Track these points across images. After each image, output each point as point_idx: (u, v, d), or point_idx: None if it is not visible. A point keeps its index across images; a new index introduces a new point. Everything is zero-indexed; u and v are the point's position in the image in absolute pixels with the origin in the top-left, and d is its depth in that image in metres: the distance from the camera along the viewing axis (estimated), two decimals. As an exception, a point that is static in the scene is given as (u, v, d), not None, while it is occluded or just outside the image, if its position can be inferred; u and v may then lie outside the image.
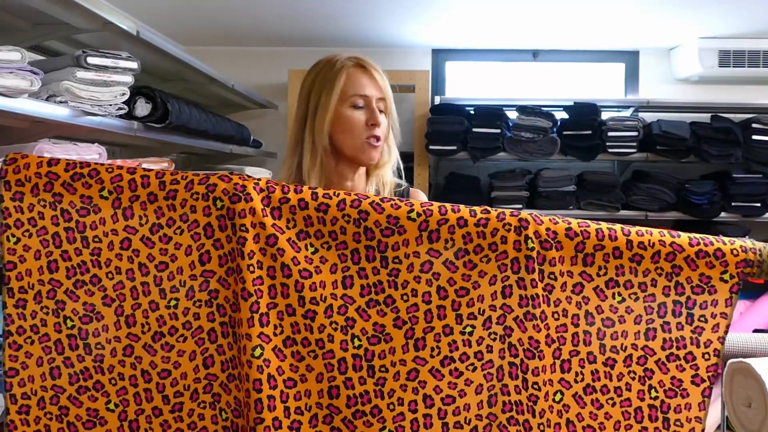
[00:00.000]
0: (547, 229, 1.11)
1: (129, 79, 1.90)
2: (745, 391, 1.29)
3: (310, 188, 1.13)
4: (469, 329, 1.09)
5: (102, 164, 1.14)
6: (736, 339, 1.64)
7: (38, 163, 1.12)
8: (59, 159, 1.14)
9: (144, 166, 2.14)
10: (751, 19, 3.32)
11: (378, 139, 1.47)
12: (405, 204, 1.12)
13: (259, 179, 1.13)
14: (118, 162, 2.05)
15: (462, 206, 1.14)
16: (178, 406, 1.11)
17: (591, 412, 1.12)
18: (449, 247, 1.11)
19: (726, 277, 1.13)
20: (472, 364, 1.10)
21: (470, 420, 1.09)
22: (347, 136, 1.47)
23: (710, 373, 1.14)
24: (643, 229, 1.14)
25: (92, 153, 1.82)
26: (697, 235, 1.15)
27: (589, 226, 1.13)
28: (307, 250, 1.11)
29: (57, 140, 1.89)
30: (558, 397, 1.12)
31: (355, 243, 1.11)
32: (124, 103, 1.92)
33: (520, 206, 3.54)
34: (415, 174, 3.69)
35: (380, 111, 1.48)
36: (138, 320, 1.11)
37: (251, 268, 1.08)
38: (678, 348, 1.13)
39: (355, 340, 1.10)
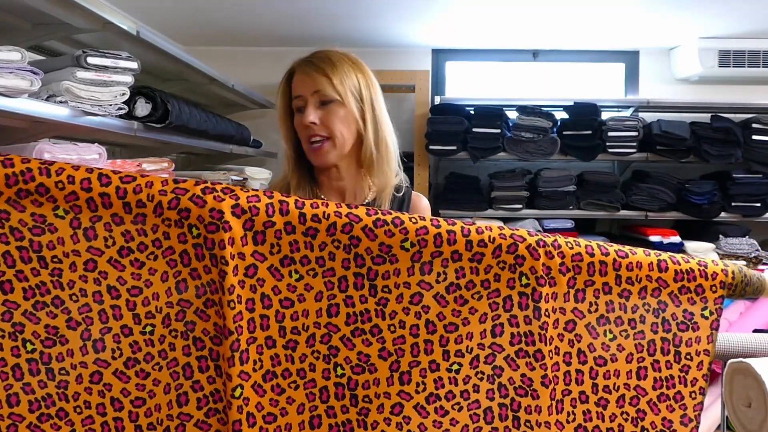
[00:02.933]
0: (543, 265, 1.08)
1: (129, 79, 1.90)
2: (745, 391, 1.29)
3: (297, 206, 1.04)
4: (455, 367, 1.06)
5: (49, 173, 1.00)
6: (736, 339, 1.64)
7: None
8: None
9: (144, 166, 2.14)
10: (751, 19, 3.32)
11: (316, 139, 1.41)
12: (400, 231, 1.05)
13: (238, 197, 1.03)
14: (118, 162, 2.05)
15: (459, 233, 1.07)
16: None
17: None
18: (441, 281, 1.07)
19: (706, 313, 1.13)
20: (458, 403, 1.07)
21: None
22: (301, 142, 1.46)
23: (697, 412, 1.13)
24: (630, 253, 1.11)
25: (92, 153, 1.82)
26: (680, 261, 1.13)
27: (581, 260, 1.10)
28: (290, 277, 1.05)
29: (57, 140, 1.89)
30: None
31: (343, 270, 1.05)
32: (124, 103, 1.92)
33: (520, 206, 3.54)
34: (415, 174, 3.69)
35: (326, 103, 1.40)
36: (108, 345, 1.03)
37: (231, 304, 1.01)
38: (668, 387, 1.12)
39: (338, 368, 1.06)
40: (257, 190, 1.06)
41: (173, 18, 3.34)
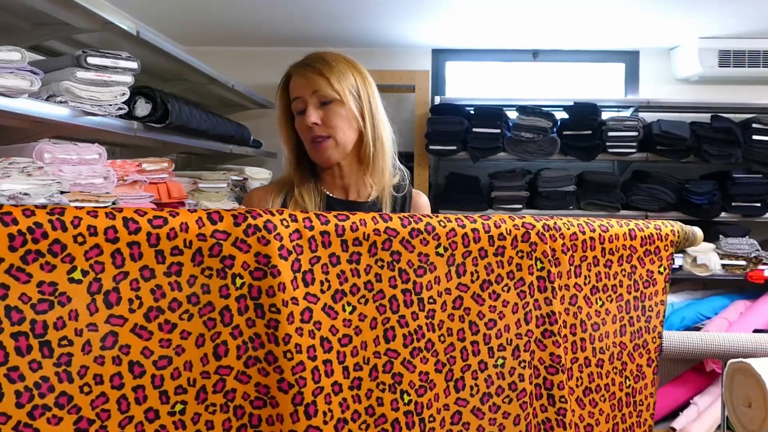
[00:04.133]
0: (550, 248, 1.16)
1: (129, 79, 1.90)
2: (745, 391, 1.29)
3: (338, 234, 0.98)
4: (500, 361, 1.11)
5: (65, 226, 0.80)
6: (736, 339, 1.64)
7: None
8: None
9: (144, 166, 2.14)
10: (751, 19, 3.32)
11: (318, 139, 1.42)
12: (433, 237, 1.05)
13: (281, 236, 0.93)
14: (118, 162, 2.05)
15: (482, 230, 1.08)
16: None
17: (590, 412, 1.21)
18: (475, 280, 1.09)
19: (661, 269, 1.30)
20: (508, 396, 1.11)
21: None
22: (304, 142, 1.48)
23: (657, 353, 1.29)
24: (609, 226, 1.25)
25: (92, 153, 1.82)
26: (643, 227, 1.29)
27: (577, 239, 1.20)
28: (344, 311, 0.99)
29: (57, 140, 1.89)
30: (563, 401, 1.17)
31: (392, 289, 1.03)
32: (124, 103, 1.92)
33: (520, 206, 3.54)
34: (415, 174, 3.69)
35: (325, 103, 1.42)
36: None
37: (288, 354, 0.92)
38: (638, 338, 1.27)
39: (405, 396, 1.03)
40: (295, 219, 0.96)
41: (173, 18, 3.34)
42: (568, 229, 1.19)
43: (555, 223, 1.18)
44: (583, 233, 1.20)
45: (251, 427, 0.93)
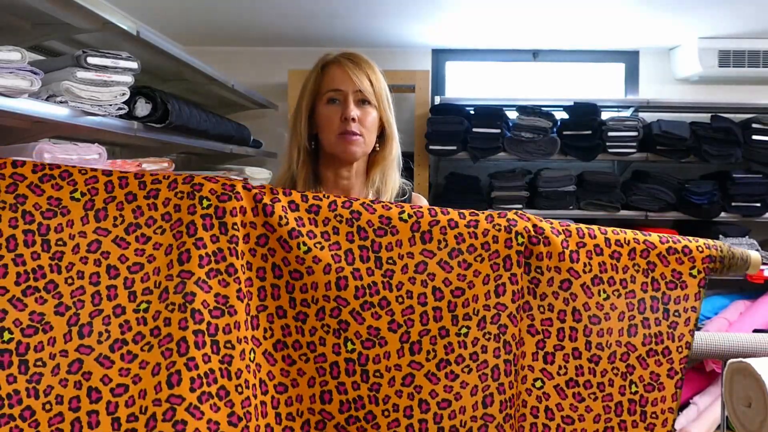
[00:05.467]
0: (534, 226, 1.15)
1: (129, 79, 1.90)
2: (745, 391, 1.29)
3: (299, 192, 1.11)
4: (464, 330, 1.09)
5: (75, 166, 1.06)
6: (736, 339, 1.64)
7: (2, 164, 1.04)
8: (25, 162, 1.05)
9: (144, 166, 2.14)
10: (751, 19, 3.32)
11: (353, 133, 1.44)
12: (396, 206, 1.12)
13: (249, 186, 1.10)
14: (118, 162, 2.05)
15: (450, 209, 1.14)
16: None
17: (571, 404, 1.15)
18: (442, 248, 1.11)
19: (694, 272, 1.19)
20: (468, 366, 1.09)
21: (465, 422, 1.09)
22: (325, 133, 1.48)
23: (682, 365, 1.18)
24: (617, 229, 1.20)
25: (92, 153, 1.82)
26: (665, 235, 1.21)
27: (569, 225, 1.17)
28: (299, 249, 1.07)
29: (57, 140, 1.89)
30: (538, 384, 1.14)
31: (348, 243, 1.09)
32: (124, 103, 1.92)
33: (520, 206, 3.54)
34: (415, 174, 3.69)
35: (363, 102, 1.46)
36: (95, 328, 0.99)
37: (243, 269, 1.04)
38: (656, 343, 1.17)
39: (348, 343, 1.08)
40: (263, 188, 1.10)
41: (173, 18, 3.34)
42: (561, 223, 1.18)
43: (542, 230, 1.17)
44: (577, 222, 1.19)
45: (208, 335, 0.99)
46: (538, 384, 1.14)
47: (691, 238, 1.22)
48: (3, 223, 1.01)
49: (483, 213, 1.15)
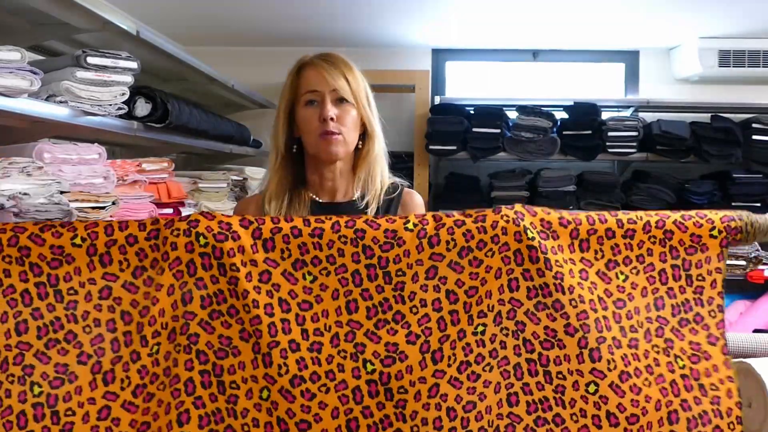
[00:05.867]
0: (542, 220, 1.11)
1: (129, 79, 1.90)
2: (745, 391, 1.29)
3: (301, 217, 1.10)
4: (480, 328, 1.07)
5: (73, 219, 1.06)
6: (736, 339, 1.64)
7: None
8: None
9: (144, 166, 2.14)
10: (751, 19, 3.32)
11: (332, 132, 1.44)
12: (400, 217, 1.10)
13: (245, 217, 1.08)
14: (118, 162, 2.05)
15: (454, 212, 1.12)
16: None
17: (632, 399, 1.07)
18: (452, 248, 1.08)
19: (714, 233, 1.14)
20: (489, 363, 1.07)
21: (492, 422, 1.07)
22: (305, 135, 1.49)
23: (721, 330, 1.12)
24: (631, 211, 1.15)
25: (92, 153, 1.82)
26: (679, 220, 1.16)
27: (578, 214, 1.13)
28: (305, 279, 1.06)
29: (57, 140, 1.89)
30: (592, 388, 1.07)
31: (354, 264, 1.07)
32: (124, 103, 1.92)
33: (520, 206, 3.54)
34: (415, 174, 3.68)
35: (341, 101, 1.46)
36: (117, 375, 1.02)
37: (246, 308, 1.03)
38: (685, 311, 1.13)
39: (368, 365, 1.05)
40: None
41: (173, 18, 3.34)
42: (570, 213, 1.13)
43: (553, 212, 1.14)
44: (587, 212, 1.14)
45: (214, 375, 1.03)
46: (592, 389, 1.07)
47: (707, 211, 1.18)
48: (14, 278, 1.03)
49: (489, 209, 1.12)
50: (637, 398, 1.07)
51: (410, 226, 1.08)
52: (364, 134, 1.52)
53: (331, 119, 1.44)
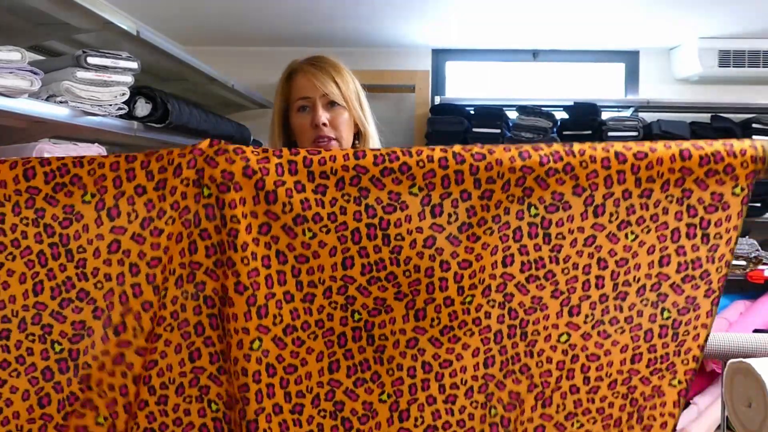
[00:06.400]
0: (553, 193, 1.08)
1: (129, 79, 1.90)
2: (745, 391, 1.29)
3: (305, 165, 1.06)
4: (468, 299, 1.09)
5: (82, 164, 1.06)
6: (736, 339, 1.64)
7: (14, 178, 1.05)
8: (35, 169, 1.06)
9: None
10: (751, 19, 3.32)
11: (327, 138, 1.46)
12: (407, 177, 1.06)
13: (248, 159, 1.05)
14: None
15: (468, 171, 1.06)
16: (164, 399, 1.08)
17: (596, 342, 1.11)
18: (453, 221, 1.08)
19: (737, 191, 1.12)
20: (470, 329, 1.10)
21: (466, 380, 1.10)
22: (300, 140, 1.50)
23: (721, 284, 1.13)
24: (650, 151, 1.08)
25: (92, 153, 1.82)
26: (704, 145, 1.10)
27: (597, 177, 1.08)
28: (304, 235, 1.06)
29: (57, 140, 1.89)
30: (563, 338, 1.11)
31: (355, 222, 1.07)
32: (124, 103, 1.92)
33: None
34: (415, 174, 3.68)
35: (332, 104, 1.47)
36: (129, 324, 1.06)
37: (245, 260, 1.04)
38: (693, 269, 1.12)
39: (356, 314, 1.09)
40: (266, 151, 1.08)
41: (173, 18, 3.34)
42: (585, 167, 1.08)
43: (567, 164, 1.06)
44: (608, 168, 1.08)
45: (220, 319, 1.06)
46: (563, 338, 1.11)
47: (733, 144, 1.10)
48: (30, 240, 1.05)
49: (502, 179, 1.06)
50: (603, 341, 1.12)
51: (415, 190, 1.07)
52: (358, 134, 1.53)
53: (324, 124, 1.45)
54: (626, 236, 1.11)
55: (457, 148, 1.08)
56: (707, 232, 1.12)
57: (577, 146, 1.09)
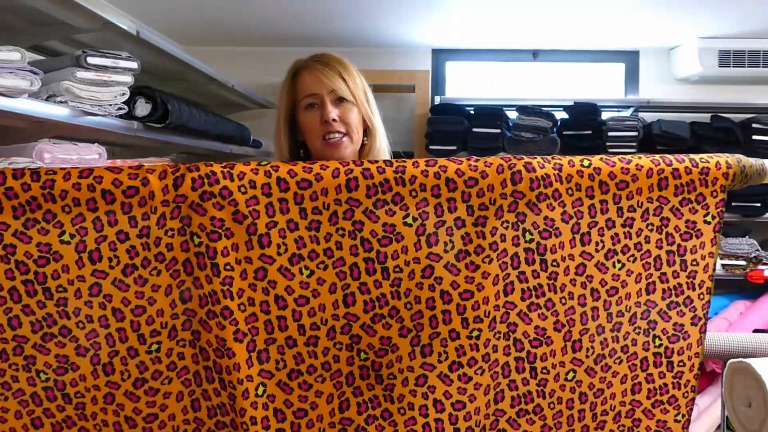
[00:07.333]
0: (545, 218, 1.09)
1: (129, 79, 1.90)
2: (745, 391, 1.29)
3: (296, 202, 1.04)
4: (476, 333, 1.07)
5: (55, 200, 0.99)
6: (736, 339, 1.64)
7: None
8: (2, 205, 0.99)
9: (144, 166, 2.14)
10: (751, 19, 3.32)
11: (338, 133, 1.44)
12: (400, 208, 1.06)
13: (237, 202, 1.03)
14: (119, 162, 2.05)
15: (459, 199, 1.07)
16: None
17: (601, 377, 1.13)
18: (449, 250, 1.07)
19: (708, 218, 1.15)
20: (481, 367, 1.08)
21: (480, 422, 1.09)
22: (310, 139, 1.48)
23: (705, 310, 1.17)
24: (631, 181, 1.11)
25: (92, 153, 1.82)
26: (682, 173, 1.12)
27: (582, 204, 1.11)
28: (301, 274, 1.05)
29: (57, 140, 1.89)
30: (570, 375, 1.12)
31: (352, 257, 1.06)
32: (124, 103, 1.92)
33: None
34: (415, 174, 3.68)
35: (341, 101, 1.45)
36: (116, 368, 1.04)
37: (242, 307, 1.03)
38: (677, 295, 1.15)
39: (362, 354, 1.08)
40: (254, 168, 1.07)
41: (173, 18, 3.34)
42: (571, 195, 1.09)
43: (555, 190, 1.09)
44: (591, 198, 1.10)
45: (215, 372, 1.04)
46: (570, 376, 1.12)
47: (708, 171, 1.13)
48: (0, 277, 1.00)
49: (494, 205, 1.08)
50: (605, 375, 1.14)
51: (409, 221, 1.07)
52: (366, 131, 1.52)
53: (334, 120, 1.43)
54: (614, 265, 1.13)
55: (450, 172, 1.06)
56: (684, 258, 1.15)
57: (566, 170, 1.09)
